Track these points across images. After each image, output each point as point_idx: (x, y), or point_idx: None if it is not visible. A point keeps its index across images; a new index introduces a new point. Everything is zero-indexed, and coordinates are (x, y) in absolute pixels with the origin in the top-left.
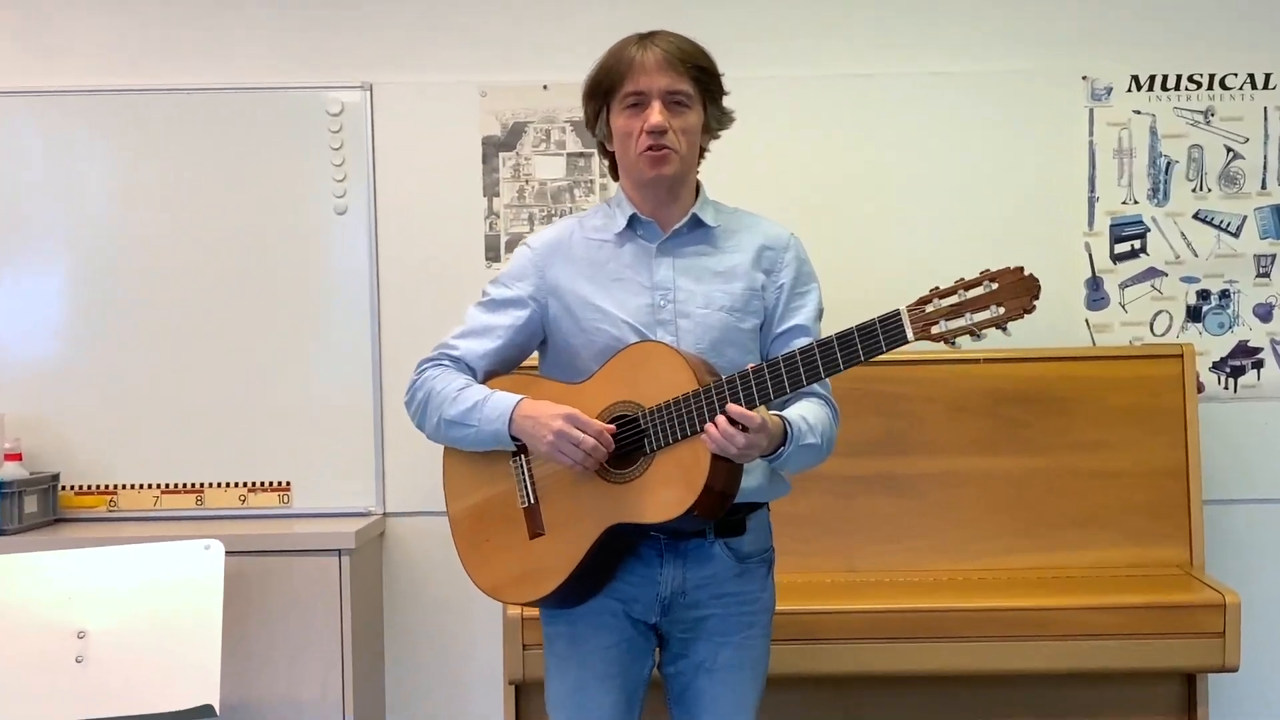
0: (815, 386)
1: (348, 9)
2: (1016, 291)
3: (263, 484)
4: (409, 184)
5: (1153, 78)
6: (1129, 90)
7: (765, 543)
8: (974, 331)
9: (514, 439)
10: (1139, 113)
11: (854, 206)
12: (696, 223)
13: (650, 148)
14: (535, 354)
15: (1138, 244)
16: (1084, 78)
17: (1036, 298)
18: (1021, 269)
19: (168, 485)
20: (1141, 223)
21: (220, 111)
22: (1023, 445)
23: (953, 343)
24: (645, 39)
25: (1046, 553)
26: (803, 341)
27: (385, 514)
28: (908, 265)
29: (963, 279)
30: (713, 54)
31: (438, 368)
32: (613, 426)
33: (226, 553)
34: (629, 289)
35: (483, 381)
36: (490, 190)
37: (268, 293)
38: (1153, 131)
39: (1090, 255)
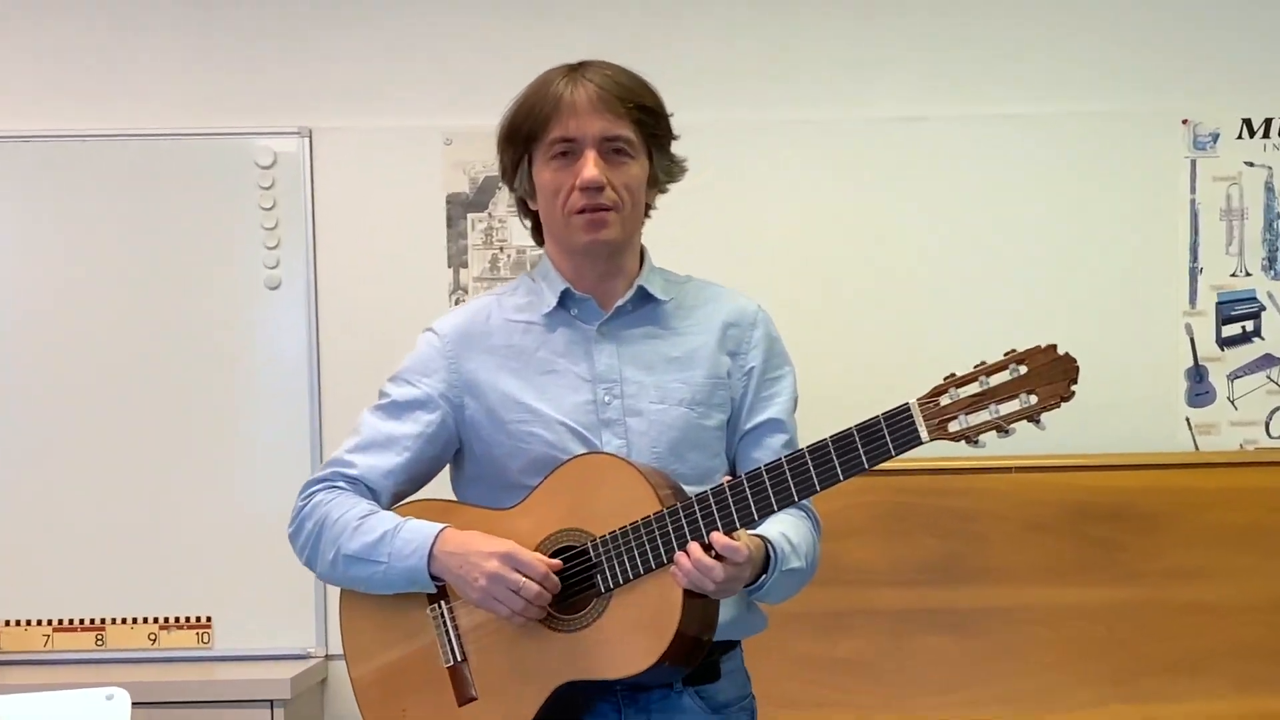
0: None
1: (281, 39)
2: (1050, 375)
3: (177, 620)
4: (356, 252)
5: (1269, 121)
6: (1240, 137)
7: (744, 688)
8: (1001, 427)
9: (434, 579)
10: (1252, 164)
11: (896, 278)
12: (644, 297)
13: (584, 208)
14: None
15: (1250, 325)
16: (1184, 121)
17: (1075, 381)
18: (1054, 347)
19: (61, 621)
20: (1255, 299)
21: (124, 163)
22: (1110, 573)
23: (976, 442)
24: (575, 71)
25: (1139, 704)
26: (778, 439)
27: (328, 656)
28: (962, 353)
29: (984, 363)
30: (725, 90)
31: (331, 490)
32: (558, 563)
33: (133, 704)
34: (564, 382)
35: (388, 506)
36: (456, 259)
37: (183, 385)
38: (1269, 188)
39: (1192, 339)
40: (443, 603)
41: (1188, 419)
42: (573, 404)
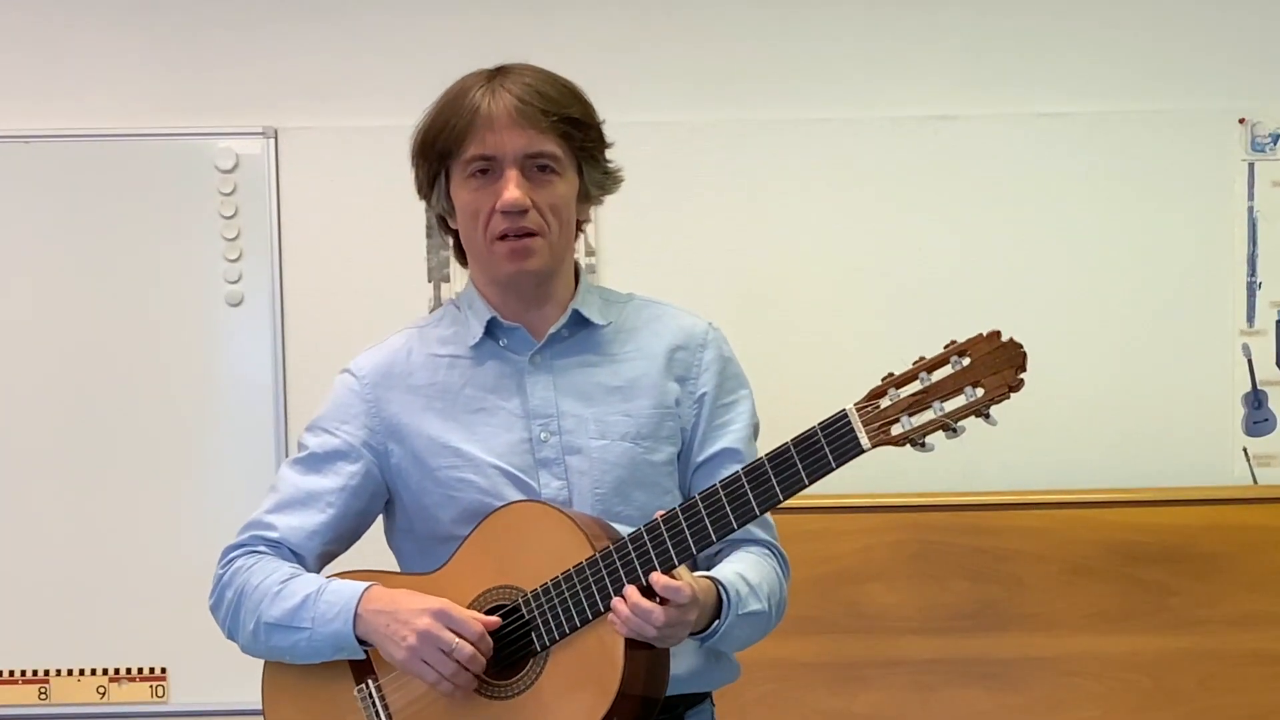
0: (754, 530)
1: (243, 29)
2: (995, 364)
3: (129, 671)
4: (326, 265)
5: None
6: None
7: None
8: (948, 425)
9: (362, 643)
10: None
11: (920, 290)
12: (579, 322)
13: (507, 233)
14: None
15: None
16: (1241, 121)
17: (1023, 369)
18: (997, 334)
19: (1, 674)
20: None
21: (69, 167)
22: (1161, 619)
23: (922, 445)
24: (494, 78)
25: None
26: (734, 470)
27: None
28: None
29: (923, 358)
30: (737, 88)
31: (251, 555)
32: (495, 620)
33: None
34: (496, 421)
35: (317, 570)
36: (438, 273)
37: (134, 412)
38: None
39: (1250, 363)
40: (370, 680)
41: (1245, 449)
42: (506, 444)
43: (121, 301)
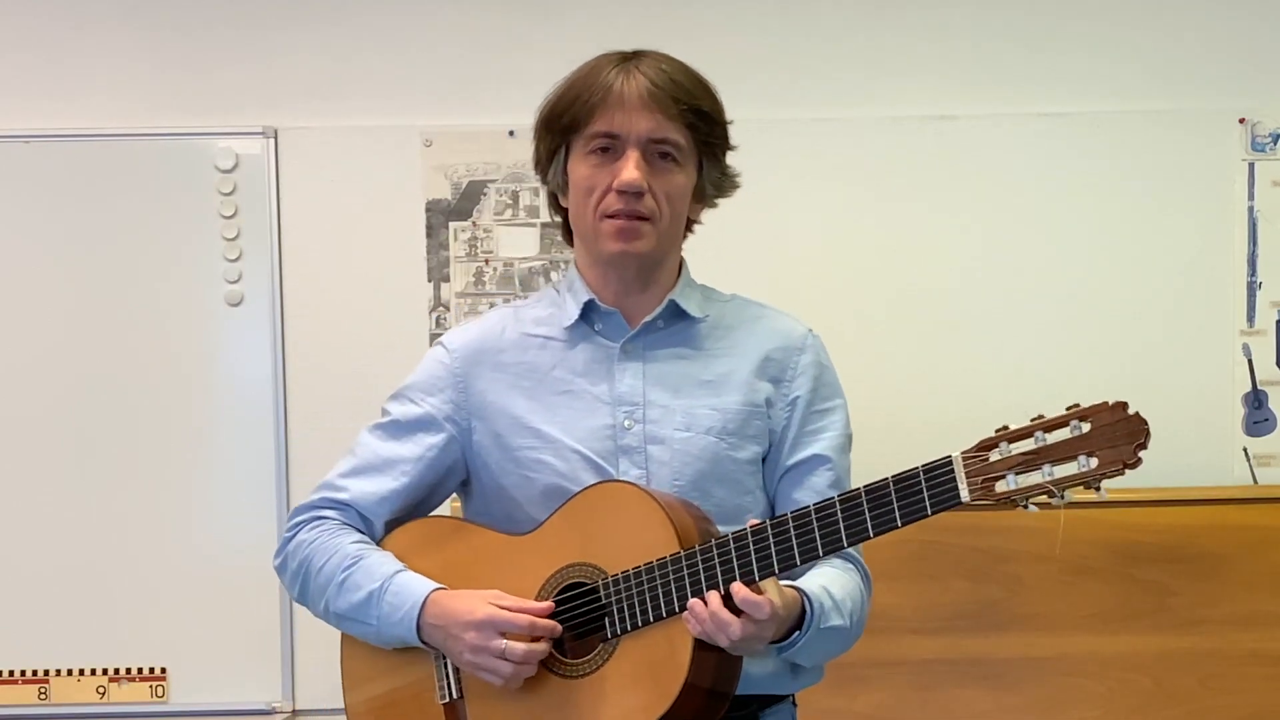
0: None
1: (242, 29)
2: (1114, 438)
3: (129, 671)
4: (326, 265)
5: None
6: None
7: None
8: (1053, 491)
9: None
10: None
11: (920, 291)
12: (676, 313)
13: (618, 213)
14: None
15: None
16: (1241, 120)
17: (1144, 446)
18: (1124, 405)
19: (1, 674)
20: None
21: (69, 167)
22: (1161, 619)
23: (1025, 505)
24: (629, 60)
25: None
26: (823, 479)
27: (295, 712)
28: (991, 379)
29: (1041, 417)
30: (735, 87)
31: (317, 525)
32: (547, 605)
33: None
34: (581, 405)
35: (385, 535)
36: (437, 273)
37: (134, 412)
38: None
39: (1250, 362)
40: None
41: (1245, 449)
42: (588, 429)
43: (121, 301)
